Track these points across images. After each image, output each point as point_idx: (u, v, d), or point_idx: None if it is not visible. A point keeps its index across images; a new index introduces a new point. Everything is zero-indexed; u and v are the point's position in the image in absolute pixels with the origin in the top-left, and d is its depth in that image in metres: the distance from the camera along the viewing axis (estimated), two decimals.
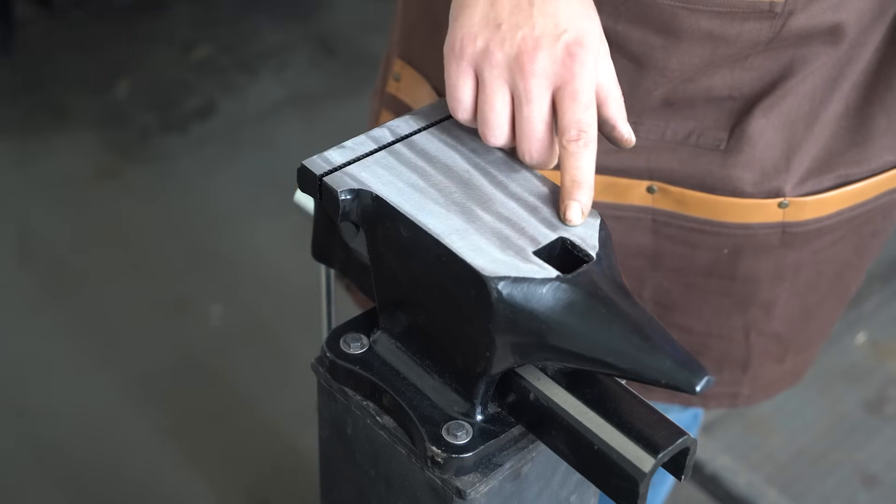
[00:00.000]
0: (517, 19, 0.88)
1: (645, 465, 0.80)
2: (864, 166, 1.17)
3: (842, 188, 1.17)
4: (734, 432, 2.19)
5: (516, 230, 0.84)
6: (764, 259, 1.19)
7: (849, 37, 1.09)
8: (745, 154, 1.12)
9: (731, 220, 1.15)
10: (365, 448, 0.93)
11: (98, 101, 2.83)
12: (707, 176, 1.13)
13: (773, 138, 1.12)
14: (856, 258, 1.27)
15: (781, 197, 1.14)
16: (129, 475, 2.11)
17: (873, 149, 1.17)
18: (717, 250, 1.17)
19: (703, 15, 1.03)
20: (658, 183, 1.14)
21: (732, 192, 1.13)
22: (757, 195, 1.14)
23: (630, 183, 1.14)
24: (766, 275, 1.20)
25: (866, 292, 2.23)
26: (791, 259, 1.19)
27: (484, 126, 0.89)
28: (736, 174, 1.13)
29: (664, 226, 1.17)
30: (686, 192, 1.14)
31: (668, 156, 1.13)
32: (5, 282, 2.42)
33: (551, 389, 0.85)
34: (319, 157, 0.89)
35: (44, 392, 2.22)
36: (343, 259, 0.94)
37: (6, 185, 2.63)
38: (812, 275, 1.23)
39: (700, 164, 1.13)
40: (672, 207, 1.15)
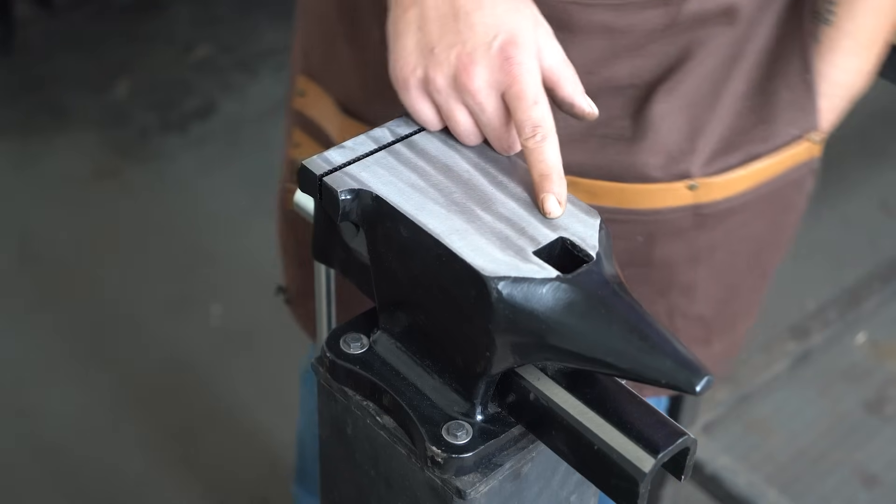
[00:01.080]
0: (448, 39, 0.89)
1: (645, 465, 0.80)
2: (769, 143, 1.19)
3: (749, 165, 1.18)
4: (734, 432, 2.19)
5: (516, 230, 0.84)
6: (678, 242, 1.19)
7: (743, 16, 1.10)
8: (650, 139, 1.13)
9: (643, 207, 1.16)
10: (365, 448, 0.93)
11: (98, 101, 2.83)
12: (615, 165, 1.14)
13: (675, 121, 1.13)
14: (771, 235, 1.28)
15: (689, 179, 1.15)
16: (129, 475, 2.11)
17: (777, 124, 1.18)
18: (631, 238, 1.18)
19: (596, 9, 1.04)
20: (567, 178, 1.14)
21: (641, 179, 1.14)
22: (665, 179, 1.15)
23: None
24: (682, 258, 1.21)
25: (866, 292, 2.23)
26: (704, 240, 1.20)
27: (455, 135, 0.92)
28: (642, 160, 1.14)
29: None
30: (596, 183, 1.15)
31: (575, 149, 1.13)
32: (5, 282, 2.42)
33: (551, 389, 0.85)
34: (319, 158, 0.89)
35: (44, 392, 2.22)
36: (343, 259, 0.94)
37: (6, 185, 2.63)
38: (728, 255, 1.24)
39: (607, 154, 1.14)
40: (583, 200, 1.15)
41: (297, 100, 1.23)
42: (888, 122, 2.95)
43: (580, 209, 0.87)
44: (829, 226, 2.68)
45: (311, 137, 1.23)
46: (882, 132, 2.93)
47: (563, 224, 0.86)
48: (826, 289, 2.45)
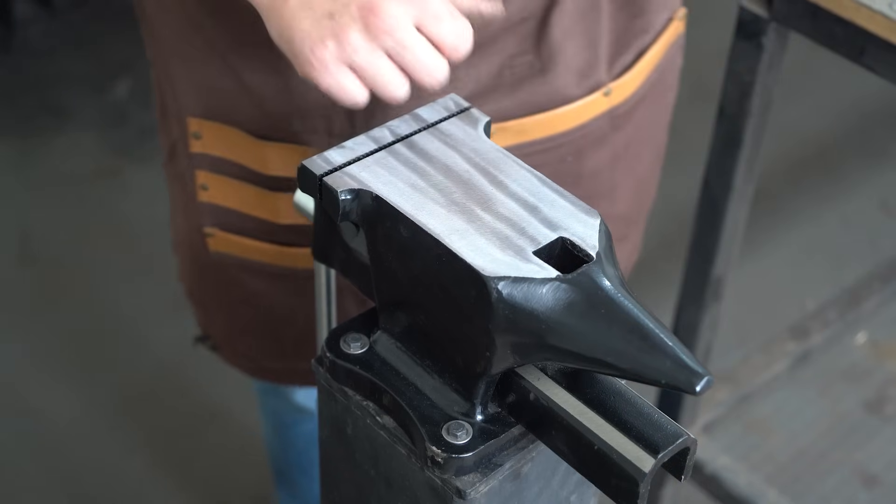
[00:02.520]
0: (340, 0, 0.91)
1: (645, 465, 0.80)
2: (650, 32, 1.25)
3: (641, 58, 1.24)
4: (734, 432, 2.19)
5: (516, 230, 0.84)
6: (601, 150, 1.24)
7: None
8: (560, 63, 1.16)
9: (569, 127, 1.20)
10: (365, 448, 0.93)
11: (98, 101, 2.83)
12: (534, 98, 1.17)
13: (575, 39, 1.17)
14: (661, 118, 1.35)
15: (603, 87, 1.20)
16: (129, 475, 2.11)
17: (651, 14, 1.24)
18: (561, 160, 1.22)
19: None
20: (495, 124, 1.16)
21: (563, 102, 1.18)
22: (583, 94, 1.19)
23: None
24: (605, 163, 1.26)
25: (866, 292, 2.23)
26: (620, 140, 1.26)
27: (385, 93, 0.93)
28: (559, 84, 1.17)
29: None
30: (523, 122, 1.17)
31: (492, 97, 1.15)
32: (5, 282, 2.42)
33: (551, 389, 0.85)
34: (319, 158, 0.89)
35: (44, 392, 2.22)
36: (343, 259, 0.94)
37: (6, 185, 2.63)
38: (636, 146, 1.30)
39: (524, 90, 1.16)
40: (513, 141, 1.18)
41: (194, 143, 1.21)
42: (888, 122, 2.95)
43: (580, 209, 0.87)
44: (829, 226, 2.68)
45: (221, 174, 1.22)
46: (882, 132, 2.93)
47: (563, 224, 0.86)
48: (826, 289, 2.45)
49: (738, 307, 2.30)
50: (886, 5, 1.36)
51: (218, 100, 1.17)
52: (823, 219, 2.69)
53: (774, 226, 2.64)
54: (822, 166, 2.82)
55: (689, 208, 1.72)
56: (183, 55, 1.18)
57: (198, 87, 1.18)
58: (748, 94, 1.53)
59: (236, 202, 1.23)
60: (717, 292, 1.75)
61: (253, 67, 1.13)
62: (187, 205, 1.28)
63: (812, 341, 2.12)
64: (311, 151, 1.14)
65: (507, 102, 1.16)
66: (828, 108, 2.95)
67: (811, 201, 2.73)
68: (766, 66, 1.51)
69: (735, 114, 1.54)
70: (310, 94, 1.11)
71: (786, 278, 2.55)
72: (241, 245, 1.25)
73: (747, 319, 2.39)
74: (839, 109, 2.96)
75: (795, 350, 2.10)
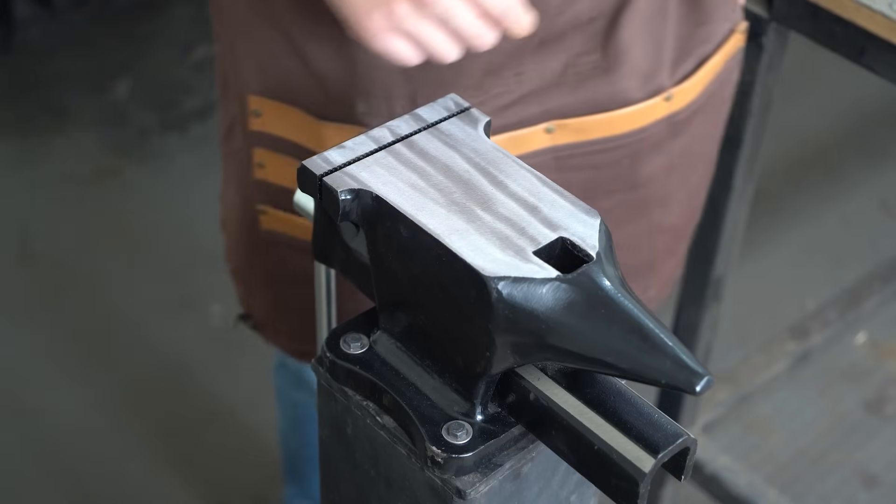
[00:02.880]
0: None
1: (645, 465, 0.80)
2: (712, 42, 1.27)
3: (702, 67, 1.26)
4: (734, 432, 2.19)
5: (516, 230, 0.84)
6: (658, 156, 1.26)
7: None
8: (625, 65, 1.19)
9: (628, 130, 1.22)
10: (365, 448, 0.93)
11: (98, 101, 2.83)
12: (597, 97, 1.19)
13: (642, 42, 1.19)
14: (716, 129, 1.37)
15: (664, 92, 1.22)
16: (129, 475, 2.11)
17: (714, 23, 1.26)
18: (619, 164, 1.24)
19: None
20: (555, 122, 1.19)
21: (624, 104, 1.20)
22: (644, 98, 1.21)
23: (529, 132, 1.20)
24: (661, 170, 1.28)
25: (866, 292, 2.23)
26: (677, 148, 1.28)
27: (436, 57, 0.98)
28: (623, 85, 1.19)
29: (566, 159, 1.22)
30: (583, 120, 1.20)
31: (556, 93, 1.18)
32: (5, 282, 2.42)
33: (551, 389, 0.85)
34: (319, 157, 0.89)
35: (44, 392, 2.22)
36: (343, 259, 0.94)
37: (6, 185, 2.63)
38: (691, 157, 1.32)
39: (588, 89, 1.19)
40: (572, 139, 1.21)
41: (254, 121, 1.22)
42: (888, 122, 2.95)
43: (580, 209, 0.87)
44: (829, 226, 2.68)
45: (277, 153, 1.23)
46: (882, 132, 2.93)
47: (563, 224, 0.86)
48: (826, 289, 2.45)
49: (738, 307, 2.30)
50: (886, 5, 1.36)
51: (280, 78, 1.19)
52: (823, 219, 2.69)
53: (774, 226, 2.64)
54: (822, 166, 2.82)
55: None
56: (249, 32, 1.19)
57: (261, 65, 1.20)
58: (748, 94, 1.53)
59: (292, 181, 1.22)
60: (717, 292, 1.76)
61: (317, 46, 1.15)
62: (241, 182, 1.29)
63: (812, 341, 2.12)
64: None
65: (569, 100, 1.19)
66: (828, 108, 2.95)
67: (811, 201, 2.73)
68: (766, 66, 1.51)
69: (735, 114, 1.54)
70: (373, 74, 1.14)
71: (786, 278, 2.55)
72: (293, 224, 1.26)
73: (747, 319, 2.39)
74: (839, 109, 2.96)
75: (795, 350, 2.10)
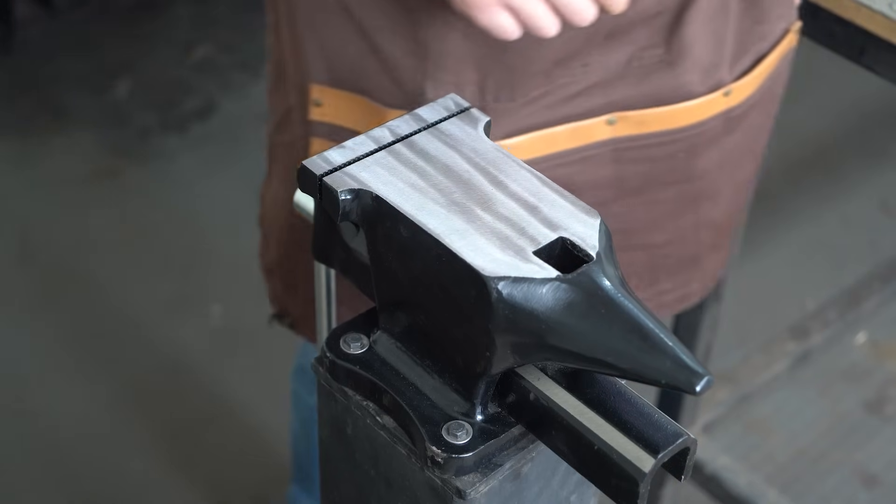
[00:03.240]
0: None
1: (645, 465, 0.80)
2: (769, 39, 1.29)
3: (759, 64, 1.29)
4: (734, 432, 2.19)
5: (516, 230, 0.84)
6: (713, 150, 1.29)
7: None
8: (688, 59, 1.21)
9: (688, 123, 1.25)
10: (365, 448, 0.93)
11: (98, 101, 2.83)
12: (659, 90, 1.22)
13: (705, 38, 1.22)
14: (766, 127, 1.40)
15: (724, 87, 1.25)
16: (130, 475, 2.11)
17: (771, 22, 1.28)
18: (674, 157, 1.27)
19: None
20: (617, 113, 1.22)
21: (685, 97, 1.23)
22: (705, 92, 1.24)
23: (592, 123, 1.22)
24: (714, 164, 1.31)
25: (866, 292, 2.23)
26: (731, 143, 1.31)
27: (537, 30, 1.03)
28: (685, 79, 1.22)
29: (625, 151, 1.25)
30: (644, 113, 1.23)
31: (619, 85, 1.21)
32: (5, 282, 2.42)
33: (551, 389, 0.85)
34: (319, 158, 0.89)
35: (44, 392, 2.22)
36: (343, 259, 0.94)
37: (6, 186, 2.63)
38: (741, 153, 1.35)
39: (651, 82, 1.22)
40: (632, 131, 1.24)
41: (314, 110, 1.23)
42: (888, 122, 2.95)
43: (580, 209, 0.87)
44: (829, 226, 2.68)
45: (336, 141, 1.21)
46: (882, 132, 2.93)
47: (563, 224, 0.86)
48: (826, 289, 2.45)
49: (738, 307, 2.30)
50: (886, 5, 1.36)
51: (348, 66, 1.20)
52: (823, 219, 2.69)
53: (774, 226, 2.64)
54: (822, 166, 2.82)
55: None
56: (315, 19, 1.20)
57: (327, 53, 1.20)
58: None
59: None
60: (717, 292, 1.76)
61: (390, 32, 1.16)
62: (291, 174, 1.28)
63: (812, 341, 2.12)
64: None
65: (632, 92, 1.21)
66: (828, 108, 2.96)
67: (811, 201, 2.73)
68: None
69: None
70: (444, 61, 1.15)
71: (786, 278, 2.55)
72: None
73: (747, 319, 2.39)
74: (839, 109, 2.96)
75: (795, 350, 2.10)
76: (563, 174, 1.22)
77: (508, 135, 1.19)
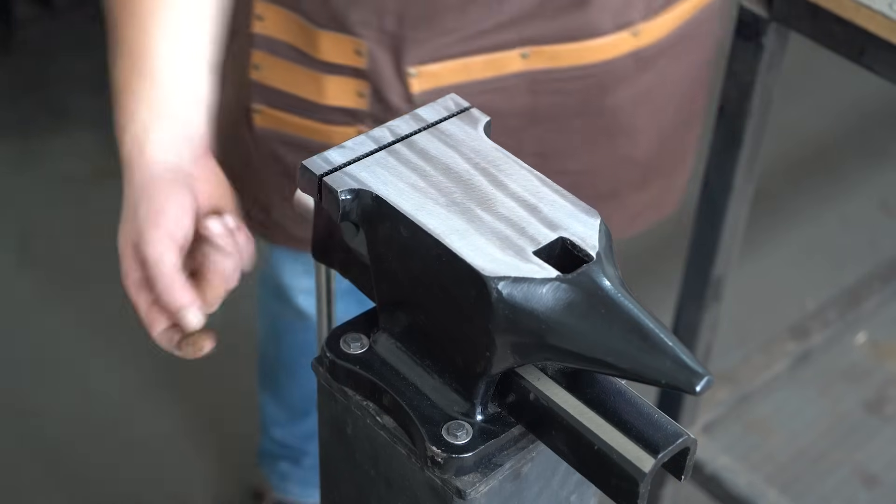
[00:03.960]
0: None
1: (645, 465, 0.80)
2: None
3: (672, 8, 1.36)
4: (734, 432, 2.19)
5: (516, 230, 0.84)
6: (624, 88, 1.37)
7: None
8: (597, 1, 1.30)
9: (597, 60, 1.33)
10: (365, 448, 0.93)
11: (98, 101, 2.83)
12: (571, 28, 1.30)
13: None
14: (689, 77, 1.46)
15: (633, 26, 1.33)
16: (130, 474, 2.11)
17: None
18: (586, 91, 1.35)
19: None
20: (530, 48, 1.31)
21: (595, 35, 1.32)
22: (614, 31, 1.32)
23: (506, 55, 1.30)
24: (627, 102, 1.38)
25: (866, 292, 2.23)
26: (643, 82, 1.38)
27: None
28: (594, 17, 1.30)
29: (540, 83, 1.34)
30: (556, 48, 1.31)
31: (534, 22, 1.29)
32: (5, 282, 2.42)
33: (551, 389, 0.85)
34: (319, 157, 0.89)
35: (44, 392, 2.22)
36: (343, 259, 0.94)
37: (6, 186, 2.63)
38: (660, 96, 1.42)
39: (564, 20, 1.30)
40: (546, 65, 1.32)
41: (256, 24, 1.33)
42: (888, 122, 2.95)
43: (580, 209, 0.87)
44: (829, 226, 2.68)
45: (275, 55, 1.33)
46: (882, 132, 2.93)
47: (563, 224, 0.86)
48: (826, 289, 2.45)
49: (738, 307, 2.30)
50: (886, 5, 1.36)
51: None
52: (823, 219, 2.69)
53: (774, 226, 2.64)
54: (822, 166, 2.82)
55: (689, 208, 1.72)
56: None
57: None
58: (748, 94, 1.53)
59: (286, 82, 1.34)
60: (717, 292, 1.76)
61: None
62: (238, 82, 1.38)
63: (812, 341, 2.12)
64: (363, 45, 1.28)
65: (544, 29, 1.29)
66: (828, 108, 2.96)
67: (811, 201, 2.73)
68: (766, 66, 1.51)
69: (735, 114, 1.54)
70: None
71: (786, 278, 2.55)
72: (285, 121, 1.36)
73: (747, 319, 2.39)
74: (839, 109, 2.96)
75: (795, 350, 2.10)
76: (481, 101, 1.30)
77: (424, 61, 1.28)
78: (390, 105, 1.32)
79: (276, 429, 1.91)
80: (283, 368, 1.84)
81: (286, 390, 1.86)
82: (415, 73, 1.29)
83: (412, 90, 1.31)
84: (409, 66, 1.29)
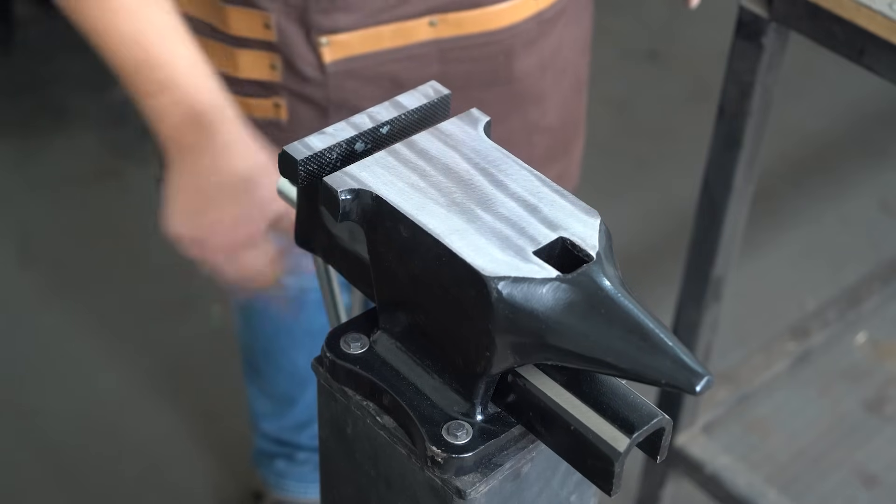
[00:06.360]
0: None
1: (620, 445, 0.81)
2: None
3: None
4: (734, 432, 2.19)
5: (516, 230, 0.84)
6: (530, 53, 1.40)
7: None
8: None
9: (502, 26, 1.36)
10: (365, 448, 0.93)
11: (98, 101, 2.83)
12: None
13: None
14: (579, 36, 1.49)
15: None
16: (130, 474, 2.11)
17: None
18: (494, 58, 1.38)
19: None
20: (437, 16, 1.33)
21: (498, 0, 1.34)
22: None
23: (414, 23, 1.33)
24: (534, 67, 1.42)
25: (866, 292, 2.23)
26: (547, 46, 1.42)
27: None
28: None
29: (449, 51, 1.36)
30: (461, 15, 1.34)
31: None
32: (5, 282, 2.42)
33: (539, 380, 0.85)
34: (300, 143, 0.89)
35: (44, 392, 2.23)
36: (326, 245, 0.94)
37: (6, 186, 2.63)
38: (562, 60, 1.46)
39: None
40: (453, 33, 1.35)
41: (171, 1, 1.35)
42: (888, 122, 2.95)
43: (580, 209, 0.87)
44: (829, 226, 2.68)
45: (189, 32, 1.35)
46: (882, 132, 2.93)
47: (563, 224, 0.86)
48: (826, 289, 2.45)
49: (738, 307, 2.30)
50: (886, 5, 1.36)
51: None
52: (823, 219, 2.69)
53: (774, 226, 2.64)
54: (822, 166, 2.83)
55: (689, 208, 1.72)
56: None
57: None
58: (748, 94, 1.53)
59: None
60: (717, 292, 1.76)
61: None
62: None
63: (812, 341, 2.12)
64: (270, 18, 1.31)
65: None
66: (828, 108, 2.96)
67: (811, 201, 2.73)
68: (766, 66, 1.51)
69: (735, 114, 1.54)
70: None
71: (786, 278, 2.55)
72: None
73: (747, 319, 2.39)
74: (839, 109, 2.96)
75: (795, 350, 2.10)
76: (391, 70, 1.34)
77: (336, 31, 1.31)
78: (304, 75, 1.34)
79: (266, 423, 1.93)
80: (262, 354, 1.87)
81: (268, 377, 1.88)
82: (326, 41, 1.31)
83: (324, 59, 1.32)
84: (318, 35, 1.31)
